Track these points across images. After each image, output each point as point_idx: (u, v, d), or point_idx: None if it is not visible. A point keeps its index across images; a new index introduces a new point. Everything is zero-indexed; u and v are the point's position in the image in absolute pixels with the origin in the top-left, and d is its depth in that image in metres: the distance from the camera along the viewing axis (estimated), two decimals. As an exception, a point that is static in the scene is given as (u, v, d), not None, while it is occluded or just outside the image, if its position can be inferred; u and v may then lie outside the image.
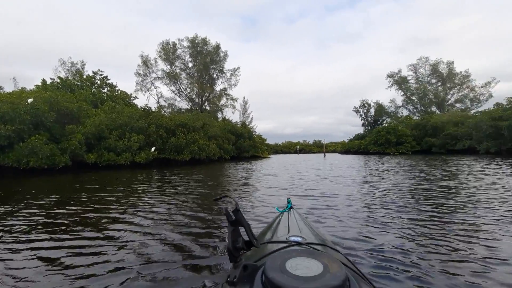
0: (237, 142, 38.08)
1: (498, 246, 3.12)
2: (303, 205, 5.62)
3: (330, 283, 0.74)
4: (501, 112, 28.51)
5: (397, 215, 4.65)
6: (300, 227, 1.55)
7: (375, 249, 3.09)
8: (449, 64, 56.12)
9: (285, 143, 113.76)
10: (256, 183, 9.86)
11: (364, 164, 20.58)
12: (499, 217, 4.35)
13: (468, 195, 6.28)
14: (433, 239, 3.40)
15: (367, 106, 67.33)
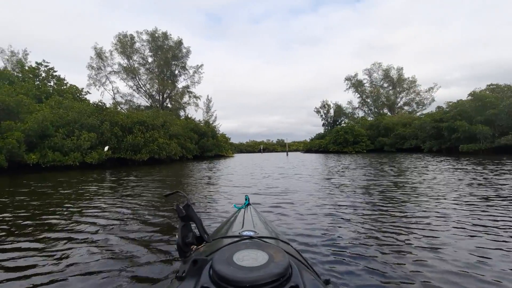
0: (200, 141, 37.26)
1: (437, 235, 3.42)
2: (265, 202, 5.68)
3: (273, 271, 0.78)
4: (441, 115, 31.79)
5: (352, 209, 4.89)
6: (254, 222, 1.58)
7: (330, 241, 3.25)
8: (399, 70, 61.24)
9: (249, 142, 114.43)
10: (219, 182, 9.70)
11: (324, 162, 21.45)
12: (438, 208, 4.77)
13: (413, 189, 6.84)
14: (383, 231, 3.62)
15: (327, 107, 70.57)
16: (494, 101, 25.66)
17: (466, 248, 2.96)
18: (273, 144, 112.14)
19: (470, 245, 3.05)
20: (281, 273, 0.78)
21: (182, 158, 30.16)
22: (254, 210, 1.97)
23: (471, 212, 4.44)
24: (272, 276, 0.77)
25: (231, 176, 12.00)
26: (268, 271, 0.78)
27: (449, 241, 3.20)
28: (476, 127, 25.48)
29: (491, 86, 28.66)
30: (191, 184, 9.36)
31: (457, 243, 3.12)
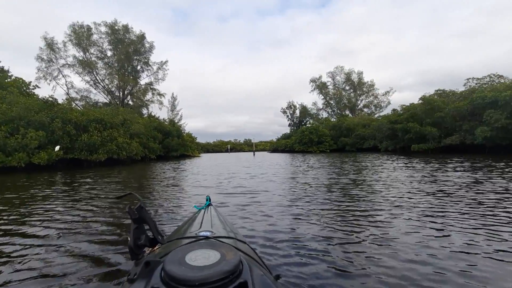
0: (165, 140, 35.91)
1: (389, 230, 3.61)
2: (230, 202, 5.66)
3: (223, 269, 0.80)
4: (396, 117, 34.30)
5: (313, 207, 5.04)
6: (213, 222, 1.61)
7: (290, 239, 3.34)
8: (359, 74, 64.91)
9: (216, 142, 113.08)
10: (184, 183, 9.38)
11: (289, 161, 21.90)
12: (391, 205, 5.09)
13: (370, 186, 7.28)
14: (341, 228, 3.78)
15: (293, 108, 72.36)
16: (441, 105, 28.29)
17: (413, 242, 3.16)
18: (240, 144, 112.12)
19: (417, 238, 3.26)
20: (230, 270, 0.81)
21: (145, 158, 28.80)
22: (214, 211, 1.98)
23: (419, 207, 4.80)
24: (222, 273, 0.79)
25: (196, 176, 11.69)
26: (218, 269, 0.80)
27: (399, 235, 3.40)
28: (426, 128, 27.90)
29: (438, 91, 31.57)
30: (154, 186, 8.93)
31: (405, 237, 3.34)
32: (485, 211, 4.42)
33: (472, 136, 23.51)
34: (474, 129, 23.24)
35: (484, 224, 3.72)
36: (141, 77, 44.39)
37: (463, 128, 25.03)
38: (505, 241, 3.09)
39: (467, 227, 3.64)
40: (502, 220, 3.89)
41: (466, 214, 4.27)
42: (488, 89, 24.99)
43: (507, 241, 3.09)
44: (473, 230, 3.49)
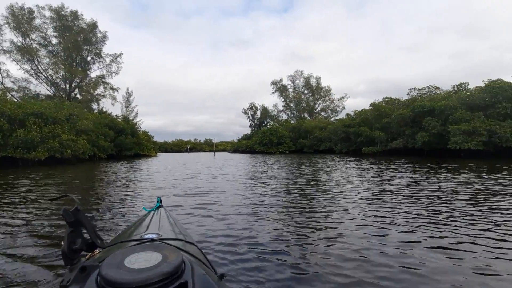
0: (117, 138, 33.52)
1: (340, 227, 3.85)
2: (187, 203, 5.51)
3: (163, 270, 0.79)
4: (349, 121, 36.63)
5: (270, 207, 5.08)
6: (161, 224, 1.57)
7: (243, 239, 3.37)
8: (318, 79, 68.04)
9: (175, 141, 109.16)
10: (137, 184, 8.81)
11: (250, 162, 21.98)
12: (344, 203, 5.41)
13: (324, 186, 7.64)
14: (295, 227, 3.89)
15: (254, 109, 73.05)
16: (388, 111, 30.92)
17: (362, 237, 3.39)
18: (200, 144, 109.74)
19: (365, 236, 3.46)
20: (171, 271, 0.80)
21: (93, 157, 26.54)
22: (164, 212, 1.92)
23: (367, 206, 5.16)
24: (161, 275, 0.78)
25: (151, 177, 11.08)
26: (158, 271, 0.79)
27: (349, 233, 3.57)
28: (375, 132, 30.25)
29: (386, 98, 34.49)
30: (102, 187, 8.23)
31: (355, 233, 3.53)
32: (422, 207, 4.93)
33: (413, 140, 26.08)
34: (415, 134, 25.82)
35: (422, 220, 4.11)
36: (91, 69, 40.88)
37: (406, 133, 27.65)
38: (445, 238, 3.41)
39: (408, 223, 3.99)
40: (438, 217, 4.33)
41: (408, 211, 4.69)
42: (426, 99, 28.02)
43: (447, 238, 3.41)
44: (413, 227, 3.82)
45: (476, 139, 20.42)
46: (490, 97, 21.87)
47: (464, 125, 20.98)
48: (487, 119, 21.18)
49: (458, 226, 3.79)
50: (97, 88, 40.38)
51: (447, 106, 23.19)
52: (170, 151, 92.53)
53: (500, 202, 5.24)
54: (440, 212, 4.55)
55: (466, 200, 5.48)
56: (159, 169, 15.13)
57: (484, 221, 4.02)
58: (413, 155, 26.20)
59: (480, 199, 5.59)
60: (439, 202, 5.33)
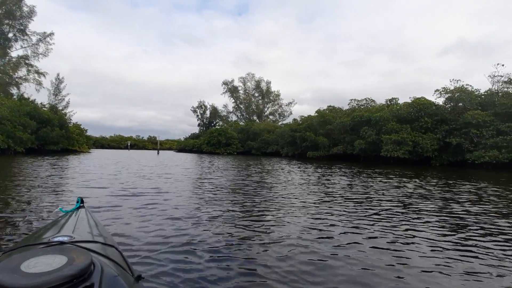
0: (41, 130, 28.96)
1: (286, 227, 4.00)
2: (119, 204, 5.18)
3: (65, 273, 0.76)
4: (296, 126, 38.12)
5: (215, 208, 5.02)
6: (77, 226, 1.48)
7: (177, 242, 3.25)
8: (268, 83, 69.54)
9: (114, 136, 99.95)
10: (61, 183, 7.56)
11: (196, 162, 21.05)
12: (288, 204, 5.57)
13: (270, 189, 7.72)
14: (240, 228, 3.89)
15: (203, 108, 71.17)
16: (331, 119, 33.02)
17: (307, 238, 3.51)
18: (143, 141, 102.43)
19: (308, 235, 3.62)
20: (74, 274, 0.77)
21: (7, 151, 22.39)
22: (85, 213, 1.81)
23: (311, 206, 5.41)
24: (62, 278, 0.75)
25: (82, 176, 9.64)
26: (58, 275, 0.75)
27: (290, 232, 3.71)
28: (319, 138, 31.99)
29: (330, 107, 36.85)
30: (15, 186, 6.73)
31: (298, 236, 3.59)
32: (359, 208, 5.40)
33: (352, 147, 28.29)
34: (354, 141, 28.05)
35: (359, 220, 4.46)
36: (12, 47, 34.73)
37: (346, 140, 29.88)
38: (379, 238, 3.62)
39: (347, 223, 4.28)
40: (371, 216, 4.75)
41: (346, 212, 5.05)
42: (364, 110, 30.71)
43: (382, 237, 3.62)
44: (353, 227, 4.06)
45: (404, 148, 23.05)
46: (415, 112, 24.96)
47: (394, 136, 23.50)
48: (413, 131, 24.08)
49: (388, 225, 4.19)
50: (18, 70, 34.46)
51: (381, 117, 25.72)
52: (107, 148, 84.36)
53: (424, 204, 5.91)
54: (375, 213, 4.96)
55: (394, 202, 6.13)
56: (91, 167, 13.32)
57: (409, 221, 4.51)
58: (351, 161, 28.39)
59: (407, 201, 6.27)
60: (372, 203, 5.83)
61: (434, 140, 22.91)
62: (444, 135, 23.07)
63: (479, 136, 21.25)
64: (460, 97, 23.67)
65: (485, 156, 20.03)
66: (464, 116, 22.12)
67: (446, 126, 23.44)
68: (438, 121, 24.18)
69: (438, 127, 23.80)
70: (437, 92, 25.62)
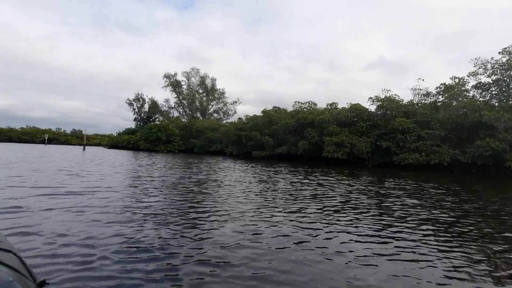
0: None
1: (223, 225, 4.17)
2: (32, 206, 4.69)
3: None
4: (242, 125, 37.62)
5: (152, 210, 4.84)
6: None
7: (81, 245, 3.12)
8: (213, 80, 67.63)
9: (27, 128, 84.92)
10: None
11: (130, 160, 18.67)
12: (231, 202, 5.71)
13: (214, 187, 7.73)
14: (172, 227, 3.92)
15: (141, 101, 65.31)
16: (276, 119, 33.45)
17: (245, 231, 3.82)
18: (65, 135, 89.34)
19: (248, 230, 3.89)
20: None
21: None
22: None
23: (253, 204, 5.60)
24: None
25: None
26: None
27: (225, 232, 3.82)
28: (264, 138, 32.05)
29: (275, 107, 37.37)
30: None
31: (238, 234, 3.73)
32: (300, 204, 5.89)
33: (295, 147, 29.03)
34: (297, 142, 28.83)
35: (300, 217, 4.88)
36: None
37: (290, 141, 30.56)
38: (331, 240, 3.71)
39: (292, 220, 4.60)
40: (312, 213, 5.14)
41: (288, 210, 5.33)
42: (307, 112, 31.90)
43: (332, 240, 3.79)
44: (297, 223, 4.45)
45: (343, 150, 24.51)
46: (353, 116, 26.83)
47: (335, 138, 24.82)
48: (350, 134, 25.83)
49: (327, 220, 4.74)
50: None
51: (323, 120, 26.95)
52: (16, 141, 71.09)
53: (361, 200, 6.76)
54: (313, 210, 5.41)
55: (333, 198, 6.86)
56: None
57: (347, 215, 5.15)
58: (295, 161, 29.12)
59: (347, 197, 7.08)
60: (316, 199, 6.49)
61: (368, 143, 24.94)
62: (375, 139, 25.31)
63: (403, 140, 23.89)
64: (389, 105, 26.30)
65: (408, 159, 22.59)
66: (392, 122, 24.64)
67: (377, 130, 25.78)
68: (371, 126, 26.47)
69: (371, 131, 26.03)
70: (370, 100, 28.07)
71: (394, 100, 27.00)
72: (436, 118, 23.83)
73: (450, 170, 21.94)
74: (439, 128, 23.16)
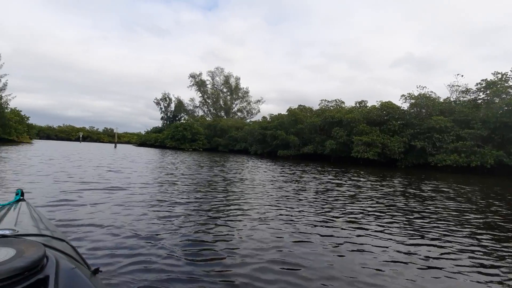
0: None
1: (248, 223, 4.05)
2: (74, 199, 4.89)
3: (15, 265, 0.73)
4: (267, 124, 37.34)
5: (179, 206, 4.82)
6: (19, 220, 1.34)
7: (133, 235, 3.21)
8: (237, 79, 67.92)
9: (63, 127, 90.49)
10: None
11: (159, 157, 19.08)
12: (256, 202, 5.57)
13: (239, 186, 7.67)
14: (203, 227, 3.77)
15: (168, 100, 67.22)
16: (302, 118, 32.80)
17: (271, 232, 3.65)
18: (98, 133, 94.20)
19: (276, 237, 3.54)
20: (27, 266, 0.74)
21: None
22: (26, 207, 1.59)
23: (284, 205, 5.40)
24: (12, 271, 0.71)
25: (20, 168, 8.67)
26: (7, 267, 0.71)
27: (252, 231, 3.67)
28: (290, 137, 31.54)
29: (300, 106, 36.69)
30: None
31: (258, 233, 3.61)
32: (339, 205, 5.66)
33: (322, 147, 28.26)
34: (324, 141, 28.04)
35: (325, 216, 4.70)
36: None
37: (316, 140, 29.81)
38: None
39: (337, 222, 4.38)
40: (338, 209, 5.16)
41: (329, 211, 5.11)
42: (335, 110, 30.96)
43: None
44: (347, 224, 4.29)
45: (373, 150, 23.43)
46: (384, 115, 25.60)
47: (365, 137, 23.79)
48: (381, 134, 24.66)
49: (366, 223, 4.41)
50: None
51: (353, 119, 25.95)
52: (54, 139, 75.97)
53: (404, 202, 6.37)
54: (355, 212, 5.10)
55: (374, 200, 6.50)
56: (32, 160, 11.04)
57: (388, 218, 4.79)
58: (321, 161, 28.36)
59: (389, 199, 6.65)
60: (343, 200, 6.22)
61: (401, 143, 23.65)
62: (409, 139, 23.95)
63: (441, 140, 22.37)
64: (424, 102, 24.76)
65: (446, 160, 21.10)
66: (428, 121, 23.16)
67: (411, 130, 24.37)
68: (403, 125, 25.09)
69: (404, 131, 24.67)
70: (403, 97, 26.62)
71: (430, 97, 25.39)
72: (477, 117, 22.03)
73: (493, 173, 20.22)
74: (481, 127, 21.36)
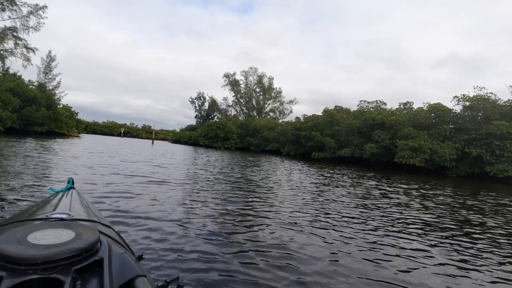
0: (25, 109, 26.49)
1: (278, 222, 4.12)
2: (116, 190, 5.12)
3: (76, 247, 0.76)
4: (300, 124, 36.23)
5: (210, 203, 4.80)
6: (72, 205, 1.40)
7: (172, 226, 3.38)
8: (270, 79, 67.33)
9: (107, 123, 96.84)
10: (50, 165, 7.35)
11: (193, 154, 19.13)
12: (289, 203, 5.47)
13: (273, 187, 7.48)
14: (236, 225, 3.72)
15: (202, 99, 68.71)
16: (339, 119, 31.23)
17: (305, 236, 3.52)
18: (137, 129, 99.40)
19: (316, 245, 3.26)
20: (85, 248, 0.77)
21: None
22: (76, 194, 1.67)
23: (320, 212, 5.06)
24: (73, 251, 0.75)
25: (69, 159, 9.30)
26: (69, 247, 0.74)
27: (279, 228, 3.70)
28: (325, 138, 30.15)
29: (337, 107, 35.05)
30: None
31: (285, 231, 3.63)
32: (389, 214, 5.25)
33: (361, 150, 26.52)
34: (362, 145, 26.31)
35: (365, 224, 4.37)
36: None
37: (353, 143, 28.12)
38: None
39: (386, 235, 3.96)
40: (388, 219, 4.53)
41: (377, 222, 4.64)
42: (375, 112, 28.96)
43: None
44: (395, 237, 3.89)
45: (421, 155, 21.34)
46: (432, 118, 23.29)
47: (411, 142, 21.78)
48: (430, 138, 22.43)
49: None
50: (3, 42, 31.61)
51: (397, 121, 23.98)
52: (99, 133, 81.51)
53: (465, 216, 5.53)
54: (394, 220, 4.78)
55: (429, 212, 5.87)
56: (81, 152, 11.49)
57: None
58: (360, 165, 26.63)
59: (446, 212, 5.98)
60: (386, 207, 5.85)
61: (453, 150, 21.28)
62: (463, 145, 21.48)
63: (502, 148, 19.71)
64: (484, 105, 22.03)
65: (509, 170, 18.51)
66: (487, 126, 20.54)
67: (465, 135, 21.85)
68: (456, 129, 22.61)
69: (456, 136, 22.21)
70: (455, 99, 23.99)
71: (489, 99, 22.56)
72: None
73: None
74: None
